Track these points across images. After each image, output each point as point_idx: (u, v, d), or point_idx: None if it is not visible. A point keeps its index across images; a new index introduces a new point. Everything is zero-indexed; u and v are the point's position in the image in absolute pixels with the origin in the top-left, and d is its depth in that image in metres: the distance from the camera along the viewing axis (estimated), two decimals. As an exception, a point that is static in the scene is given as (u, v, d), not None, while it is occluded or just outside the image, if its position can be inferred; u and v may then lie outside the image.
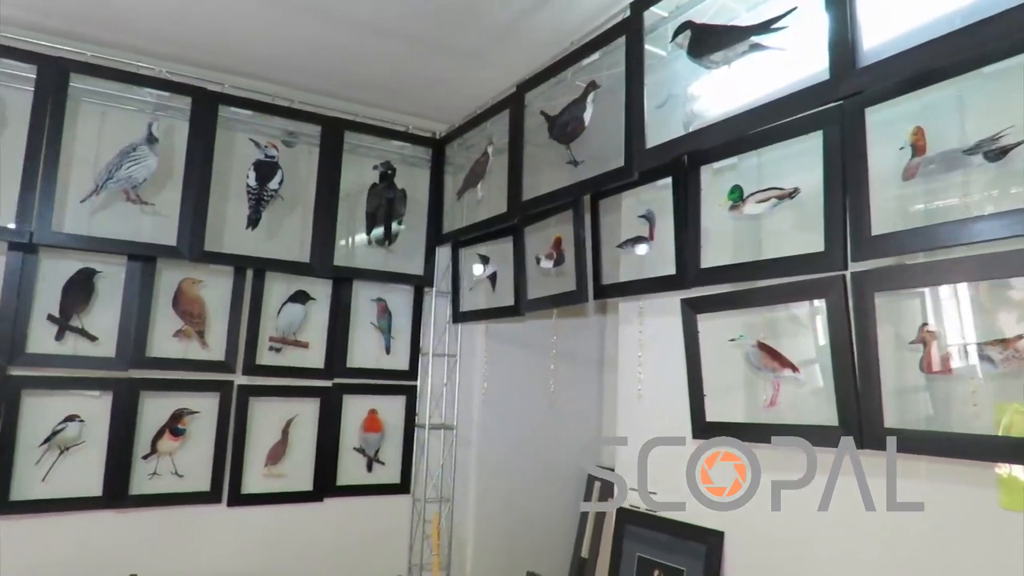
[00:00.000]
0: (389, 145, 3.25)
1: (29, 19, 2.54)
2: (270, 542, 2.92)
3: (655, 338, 2.41)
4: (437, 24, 2.53)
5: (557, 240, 2.62)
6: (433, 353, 3.33)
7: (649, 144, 2.03)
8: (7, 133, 2.54)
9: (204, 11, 2.48)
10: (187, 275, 2.83)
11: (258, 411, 2.93)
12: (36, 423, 2.55)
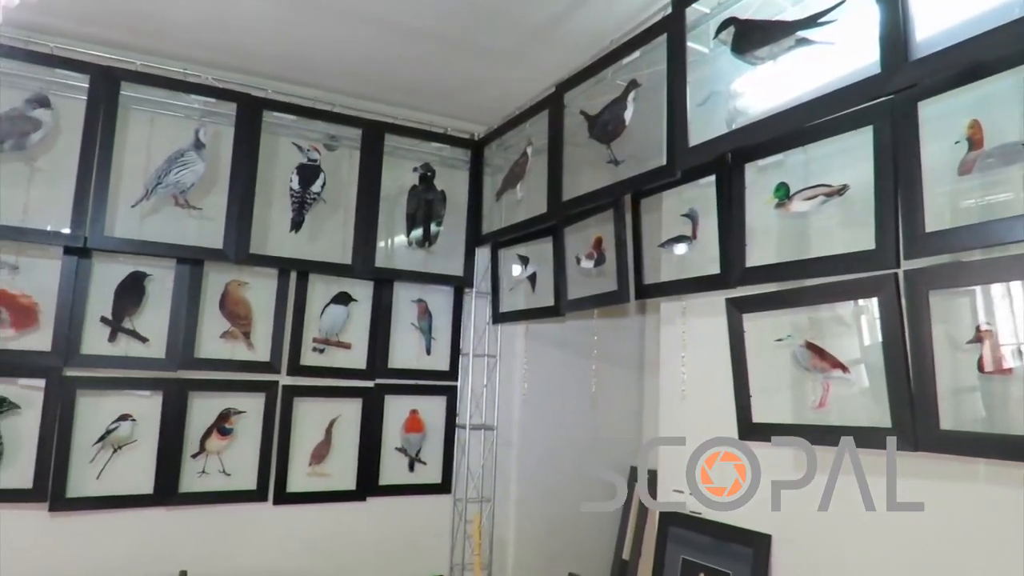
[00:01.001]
0: (428, 147, 3.27)
1: (82, 30, 2.62)
2: (314, 541, 2.96)
3: (698, 338, 2.39)
4: (476, 26, 2.54)
5: (598, 240, 2.61)
6: (473, 354, 3.34)
7: (692, 142, 2.01)
8: (61, 141, 2.62)
9: (248, 19, 2.53)
10: (233, 277, 2.88)
11: (302, 411, 2.98)
12: (90, 422, 2.62)
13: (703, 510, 2.31)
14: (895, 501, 1.72)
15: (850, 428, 1.74)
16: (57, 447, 2.54)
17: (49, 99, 2.56)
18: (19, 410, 2.52)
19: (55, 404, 2.55)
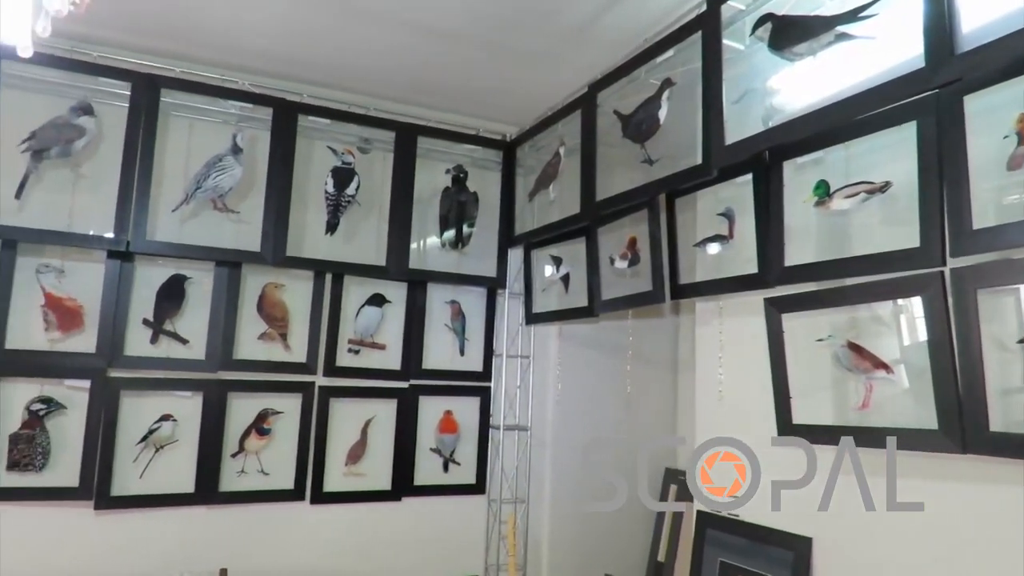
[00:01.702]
0: (460, 149, 3.28)
1: (123, 39, 2.67)
2: (350, 540, 2.99)
3: (735, 338, 2.36)
4: (509, 27, 2.55)
5: (632, 240, 2.59)
6: (507, 355, 3.35)
7: (728, 141, 1.99)
8: (104, 147, 2.68)
9: (283, 25, 2.56)
10: (270, 279, 2.92)
11: (338, 411, 3.01)
12: (133, 422, 2.68)
13: (740, 512, 2.28)
14: (941, 504, 1.69)
15: (894, 429, 1.71)
16: (102, 446, 2.61)
17: (92, 107, 2.63)
18: (65, 410, 2.59)
19: (99, 404, 2.61)
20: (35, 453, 2.52)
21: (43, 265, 2.60)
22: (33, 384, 2.56)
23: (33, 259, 2.59)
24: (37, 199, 2.58)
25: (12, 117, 2.52)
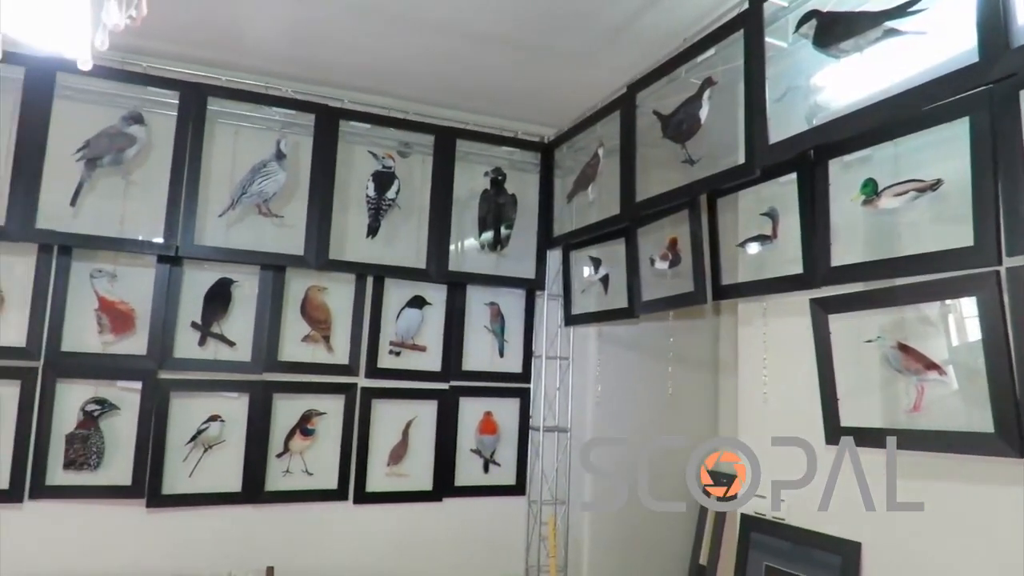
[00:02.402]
0: (499, 151, 3.30)
1: (172, 50, 2.75)
2: (393, 540, 3.02)
3: (779, 339, 2.33)
4: (547, 30, 2.55)
5: (672, 241, 2.58)
6: (546, 356, 3.35)
7: (772, 140, 1.96)
8: (153, 155, 2.75)
9: (325, 32, 2.61)
10: (313, 283, 2.97)
11: (380, 412, 3.05)
12: (183, 423, 2.75)
13: (786, 515, 2.25)
14: (997, 510, 1.64)
15: (947, 433, 1.67)
16: (153, 446, 2.68)
17: (143, 116, 2.70)
18: (118, 411, 2.66)
19: (150, 405, 2.69)
20: (90, 452, 2.60)
21: (96, 270, 2.68)
22: (88, 385, 2.64)
23: (87, 264, 2.67)
24: (90, 206, 2.66)
25: (67, 127, 2.61)
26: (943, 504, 1.78)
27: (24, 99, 2.54)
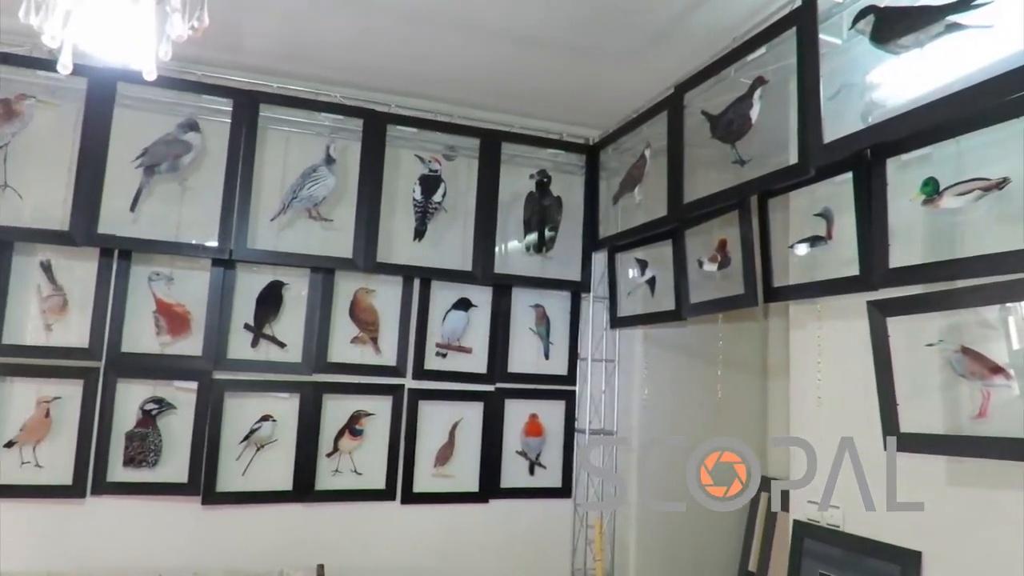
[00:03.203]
0: (544, 153, 3.31)
1: (225, 58, 2.81)
2: (439, 540, 3.04)
3: (834, 342, 2.28)
4: (593, 31, 2.55)
5: (721, 242, 2.54)
6: (591, 358, 3.33)
7: (827, 139, 1.92)
8: (208, 161, 2.83)
9: (373, 38, 2.65)
10: (361, 285, 3.01)
11: (427, 414, 3.07)
12: (236, 422, 2.82)
13: (842, 522, 2.20)
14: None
15: (1015, 440, 1.61)
16: (208, 445, 2.75)
17: (198, 123, 2.78)
18: (175, 410, 2.74)
19: (205, 405, 2.76)
20: (148, 450, 2.68)
21: (154, 273, 2.76)
22: (146, 385, 2.73)
23: (145, 267, 2.76)
24: (148, 211, 2.75)
25: (126, 135, 2.69)
26: (1010, 513, 1.72)
27: (87, 109, 2.63)
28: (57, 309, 2.65)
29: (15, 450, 2.57)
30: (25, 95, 2.61)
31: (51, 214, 2.62)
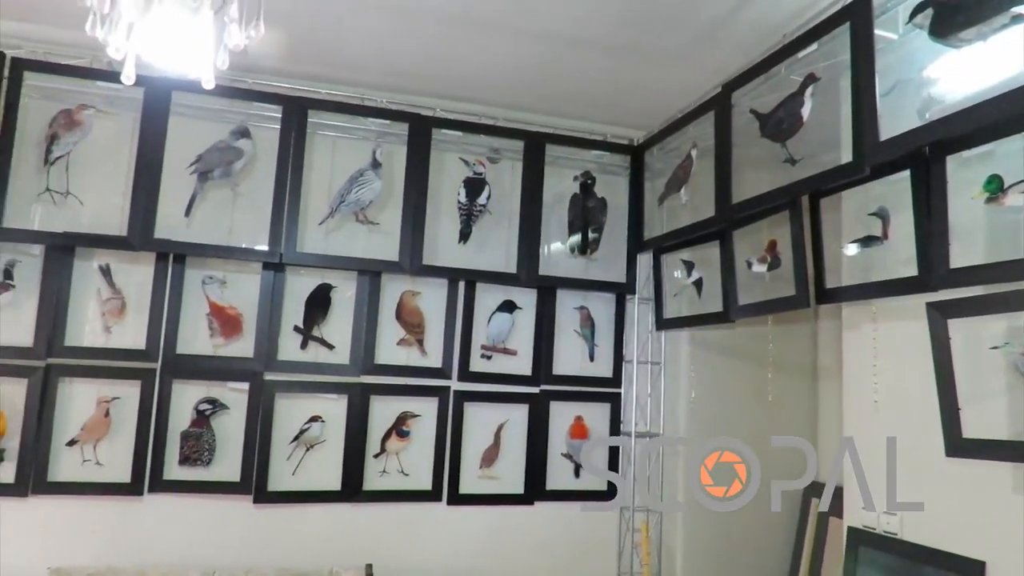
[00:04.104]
0: (588, 155, 3.29)
1: (275, 65, 2.86)
2: (486, 541, 3.05)
3: (890, 344, 2.22)
4: (639, 31, 2.53)
5: (771, 243, 2.50)
6: (637, 360, 3.31)
7: (883, 136, 1.88)
8: (258, 167, 2.89)
9: (418, 43, 2.67)
10: (407, 287, 3.04)
11: (472, 415, 3.09)
12: (286, 423, 2.87)
13: (899, 530, 2.14)
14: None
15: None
16: (259, 445, 2.80)
17: (249, 129, 2.84)
18: (228, 410, 2.80)
19: (257, 405, 2.81)
20: (203, 449, 2.75)
21: (208, 276, 2.83)
22: (200, 386, 2.79)
23: (199, 271, 2.83)
24: (202, 216, 2.81)
25: (181, 142, 2.77)
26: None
27: (143, 117, 2.71)
28: (116, 312, 2.74)
29: (77, 448, 2.66)
30: (85, 105, 2.70)
31: (110, 220, 2.71)
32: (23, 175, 2.64)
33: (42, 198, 2.66)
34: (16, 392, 2.61)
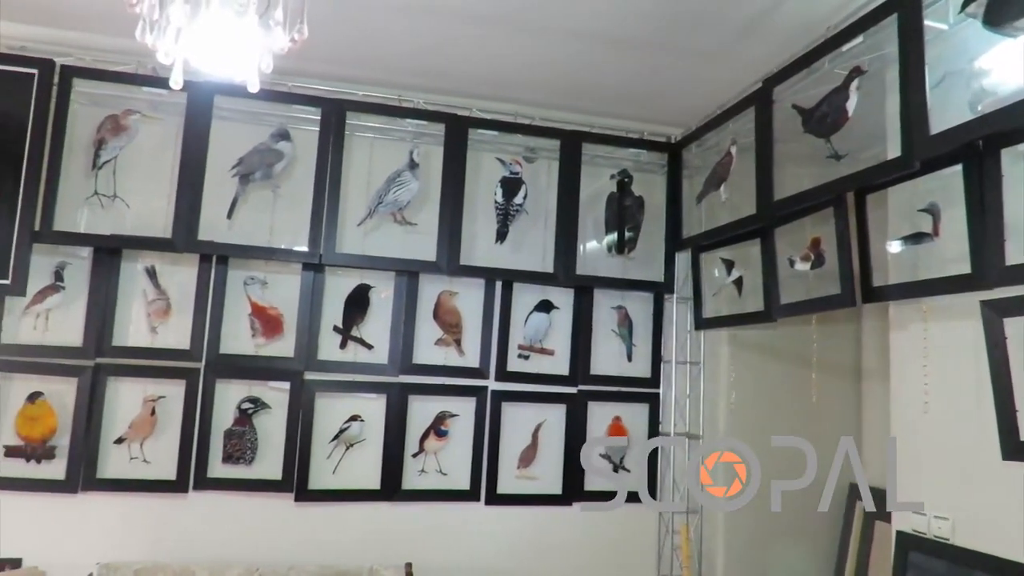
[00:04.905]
0: (625, 153, 3.27)
1: (313, 68, 2.89)
2: (524, 542, 3.04)
3: (940, 344, 2.16)
4: (677, 28, 2.51)
5: (815, 241, 2.45)
6: (676, 360, 3.27)
7: (933, 130, 1.82)
8: (298, 169, 2.92)
9: (453, 43, 2.68)
10: (444, 287, 3.05)
11: (510, 415, 3.08)
12: (326, 422, 2.90)
13: (951, 534, 2.08)
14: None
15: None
16: (300, 443, 2.83)
17: (289, 132, 2.87)
18: (270, 409, 2.84)
19: (297, 404, 2.85)
20: (245, 447, 2.79)
21: (249, 277, 2.87)
22: (243, 385, 2.84)
23: (241, 272, 2.87)
24: (244, 218, 2.86)
25: (223, 146, 2.82)
26: None
27: (187, 121, 2.76)
28: (161, 312, 2.80)
29: (124, 446, 2.72)
30: (131, 111, 2.77)
31: (154, 222, 2.76)
32: (72, 179, 2.71)
33: (90, 202, 2.73)
34: (66, 391, 2.68)
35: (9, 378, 2.65)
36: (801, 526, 3.24)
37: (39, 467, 2.64)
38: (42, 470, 2.64)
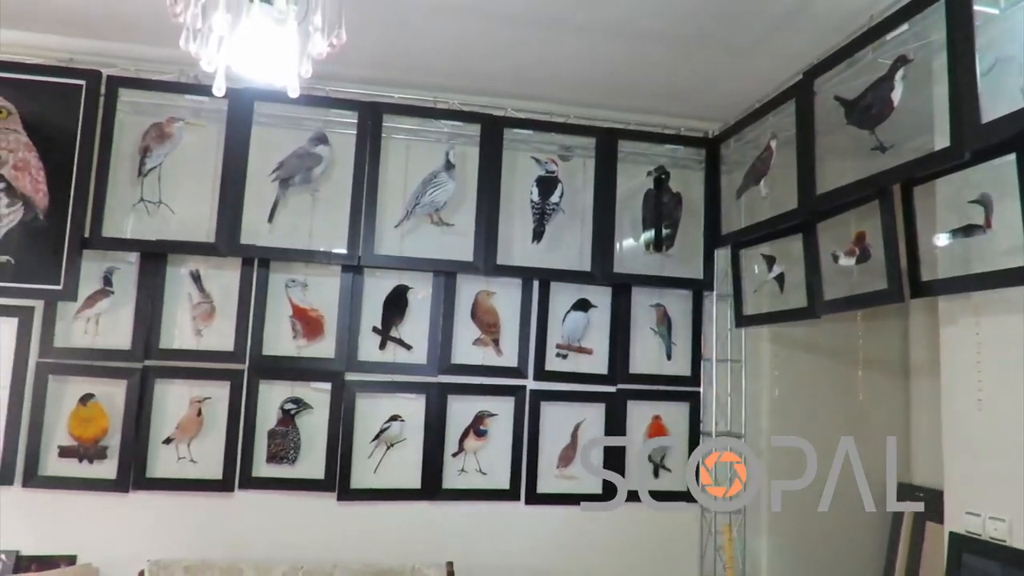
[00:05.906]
0: (661, 149, 3.23)
1: (349, 72, 2.92)
2: (564, 541, 3.03)
3: (993, 339, 2.09)
4: (715, 22, 2.47)
5: (859, 235, 2.40)
6: (716, 359, 3.23)
7: (985, 119, 1.77)
8: (336, 172, 2.95)
9: (487, 43, 2.68)
10: (482, 287, 3.06)
11: (549, 415, 3.08)
12: (367, 422, 2.93)
13: (1007, 536, 2.02)
14: None
15: None
16: (342, 443, 2.87)
17: (327, 136, 2.91)
18: (312, 410, 2.88)
19: (339, 405, 2.88)
20: (288, 447, 2.83)
21: (290, 280, 2.92)
22: (285, 386, 2.88)
23: (282, 275, 2.92)
24: (284, 221, 2.90)
25: (263, 151, 2.86)
26: None
27: (228, 128, 2.82)
28: (206, 315, 2.85)
29: (172, 446, 2.79)
30: (174, 118, 2.83)
31: (198, 227, 2.82)
32: (119, 187, 2.79)
33: (136, 208, 2.80)
34: (116, 393, 2.76)
35: (63, 381, 2.74)
36: (847, 526, 3.17)
37: (91, 467, 2.72)
38: (94, 470, 2.72)
